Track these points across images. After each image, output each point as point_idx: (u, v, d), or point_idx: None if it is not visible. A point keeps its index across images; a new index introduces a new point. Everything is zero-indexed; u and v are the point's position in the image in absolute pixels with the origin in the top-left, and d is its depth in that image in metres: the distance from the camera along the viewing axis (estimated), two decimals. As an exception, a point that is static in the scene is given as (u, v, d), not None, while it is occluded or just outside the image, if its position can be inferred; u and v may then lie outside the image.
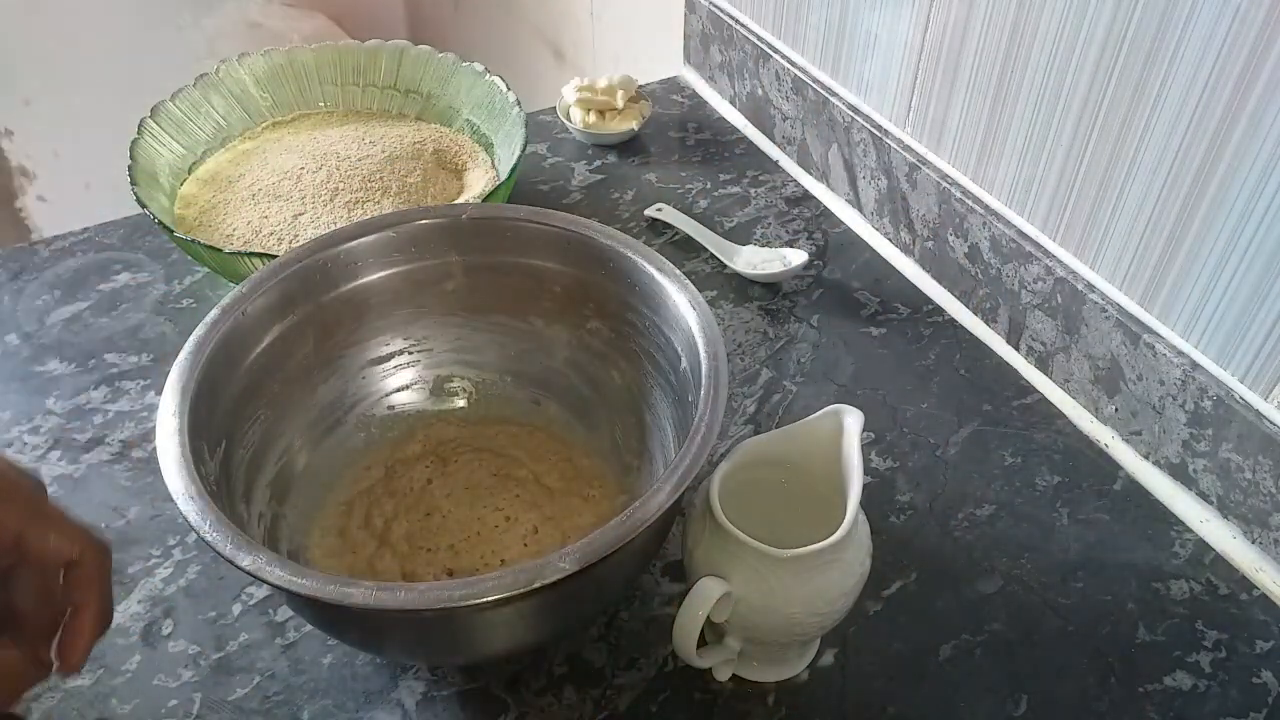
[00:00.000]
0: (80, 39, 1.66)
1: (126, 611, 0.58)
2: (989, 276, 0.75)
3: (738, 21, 0.95)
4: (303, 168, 0.82)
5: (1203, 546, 0.63)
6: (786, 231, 0.86)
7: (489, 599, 0.42)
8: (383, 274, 0.62)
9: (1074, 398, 0.71)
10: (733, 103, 1.00)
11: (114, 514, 0.64)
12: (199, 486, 0.46)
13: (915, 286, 0.81)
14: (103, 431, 0.69)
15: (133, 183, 0.77)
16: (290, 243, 0.76)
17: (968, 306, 0.78)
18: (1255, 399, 0.59)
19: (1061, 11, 0.62)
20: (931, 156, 0.78)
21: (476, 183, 0.84)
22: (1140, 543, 0.63)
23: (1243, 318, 0.59)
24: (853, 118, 0.83)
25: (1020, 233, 0.71)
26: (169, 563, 0.61)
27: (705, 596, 0.49)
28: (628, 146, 0.96)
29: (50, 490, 0.64)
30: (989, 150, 0.72)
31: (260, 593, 0.60)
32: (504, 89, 0.87)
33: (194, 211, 0.81)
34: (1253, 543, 0.62)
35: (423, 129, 0.90)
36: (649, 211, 0.87)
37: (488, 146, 0.88)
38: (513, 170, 0.79)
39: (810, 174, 0.92)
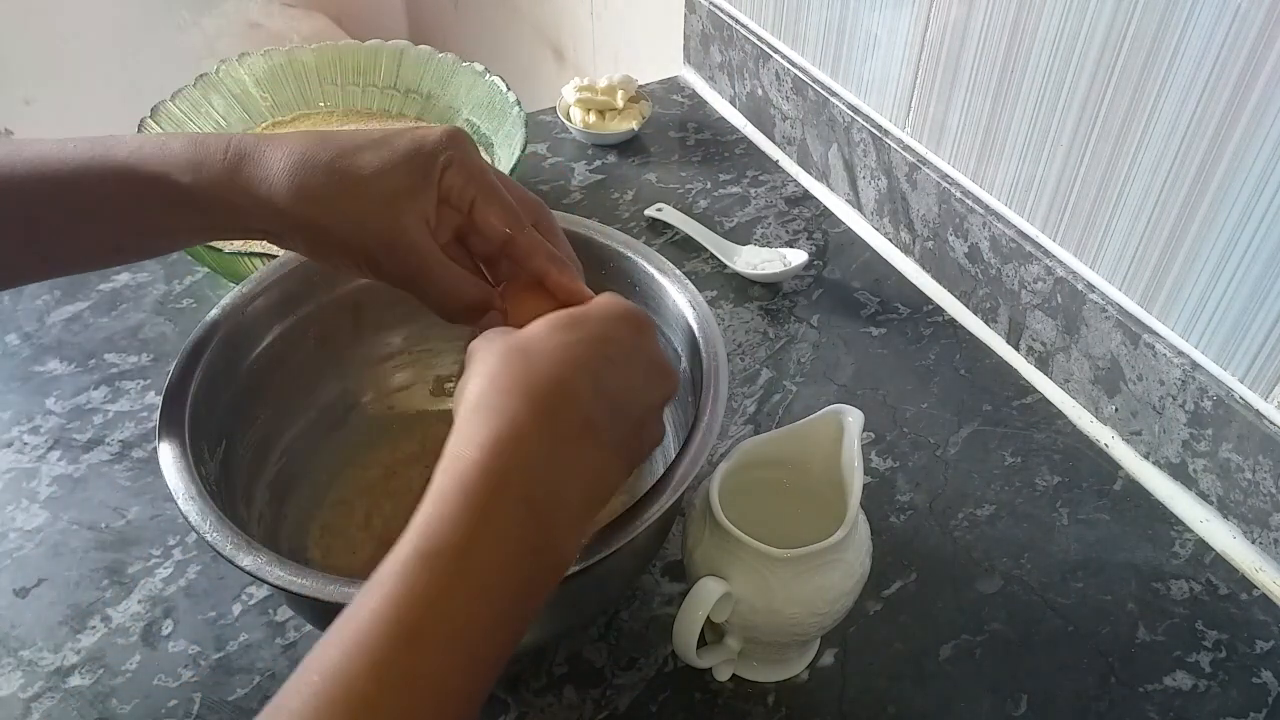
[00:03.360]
0: (80, 39, 1.66)
1: (127, 611, 0.58)
2: (989, 276, 0.75)
3: (738, 21, 0.95)
4: (303, 168, 0.82)
5: (1203, 546, 0.63)
6: (786, 231, 0.86)
7: (489, 599, 0.42)
8: (383, 274, 0.62)
9: (1074, 398, 0.71)
10: (733, 103, 1.00)
11: (114, 514, 0.64)
12: (199, 486, 0.46)
13: (915, 286, 0.81)
14: (103, 431, 0.69)
15: (133, 183, 0.76)
16: (290, 243, 0.76)
17: (968, 306, 0.78)
18: (1255, 399, 0.59)
19: (1061, 11, 0.62)
20: (931, 156, 0.78)
21: (476, 183, 0.84)
22: (1140, 543, 0.63)
23: (1243, 318, 0.58)
24: (853, 118, 0.83)
25: (1020, 233, 0.71)
26: (169, 563, 0.61)
27: (705, 596, 0.49)
28: (628, 146, 0.96)
29: (50, 490, 0.65)
30: (989, 150, 0.72)
31: (260, 593, 0.59)
32: (504, 89, 0.87)
33: (194, 211, 0.81)
34: (1253, 543, 0.62)
35: (423, 129, 0.90)
36: (649, 211, 0.87)
37: (488, 146, 0.88)
38: (513, 170, 0.78)
39: (810, 174, 0.92)
